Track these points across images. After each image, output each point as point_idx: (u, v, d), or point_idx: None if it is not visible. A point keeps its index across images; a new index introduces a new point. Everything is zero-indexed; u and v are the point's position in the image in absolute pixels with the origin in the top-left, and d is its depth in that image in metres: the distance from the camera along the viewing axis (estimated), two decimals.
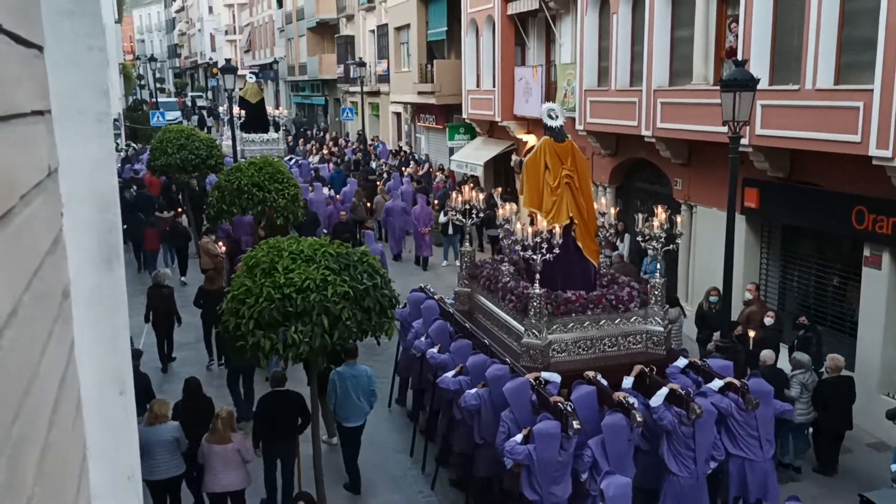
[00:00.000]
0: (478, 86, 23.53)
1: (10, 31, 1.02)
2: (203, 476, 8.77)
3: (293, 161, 28.99)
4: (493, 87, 22.23)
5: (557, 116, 10.17)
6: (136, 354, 10.73)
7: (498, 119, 22.04)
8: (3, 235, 0.91)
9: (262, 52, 59.54)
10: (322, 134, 43.06)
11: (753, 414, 8.37)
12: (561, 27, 19.89)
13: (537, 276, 8.99)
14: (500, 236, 10.75)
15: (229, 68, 24.07)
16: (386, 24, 32.74)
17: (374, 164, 29.29)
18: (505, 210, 10.59)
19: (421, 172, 27.05)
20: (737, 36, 13.05)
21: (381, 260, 13.86)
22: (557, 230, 9.02)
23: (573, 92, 18.53)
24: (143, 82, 64.77)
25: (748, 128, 11.36)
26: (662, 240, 9.70)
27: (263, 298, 7.69)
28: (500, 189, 15.90)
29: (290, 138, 38.06)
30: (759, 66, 11.89)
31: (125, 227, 18.75)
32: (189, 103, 64.81)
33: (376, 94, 35.84)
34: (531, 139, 21.75)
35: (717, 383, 8.51)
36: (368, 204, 22.14)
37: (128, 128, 37.63)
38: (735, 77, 10.16)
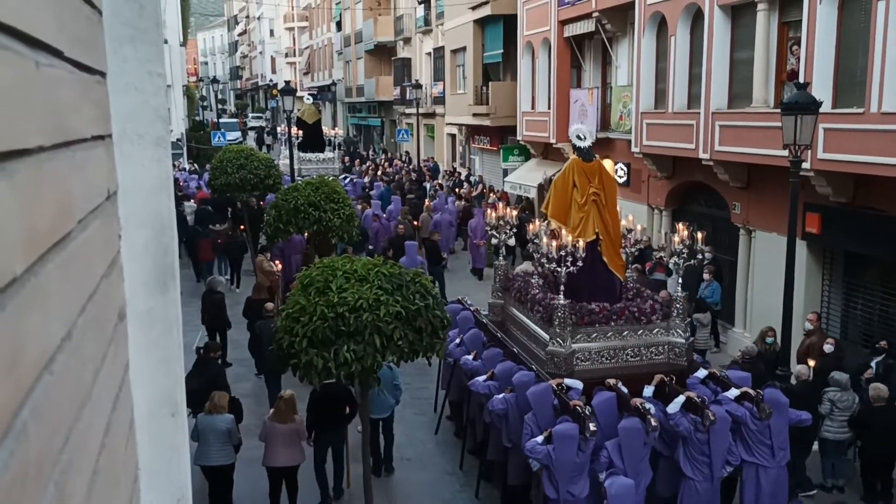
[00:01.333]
0: (533, 108, 23.52)
1: (71, 59, 1.04)
2: (265, 453, 9.52)
3: (348, 180, 29.44)
4: (549, 108, 22.19)
5: (586, 137, 10.59)
6: (214, 347, 11.56)
7: (553, 141, 21.97)
8: (59, 259, 0.92)
9: (321, 74, 60.58)
10: (377, 155, 43.52)
11: (767, 423, 8.61)
12: (617, 49, 19.79)
13: (562, 287, 9.46)
14: (531, 251, 11.13)
15: (289, 90, 24.54)
16: (442, 47, 33.03)
17: (427, 185, 29.43)
18: (535, 225, 10.91)
19: (475, 193, 27.07)
20: (798, 58, 12.80)
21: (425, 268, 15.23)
22: (581, 244, 9.46)
23: (629, 114, 18.38)
24: (205, 103, 66.38)
25: (810, 151, 11.11)
26: (684, 255, 10.05)
27: (317, 317, 7.75)
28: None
29: (346, 158, 38.58)
30: (822, 89, 11.63)
31: (183, 240, 19.93)
32: (248, 124, 66.16)
33: (431, 115, 36.11)
34: None
35: (733, 392, 8.82)
36: (415, 222, 22.30)
37: (190, 147, 38.59)
38: (797, 100, 9.97)
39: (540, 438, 8.10)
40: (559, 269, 9.36)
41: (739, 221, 15.33)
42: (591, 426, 7.86)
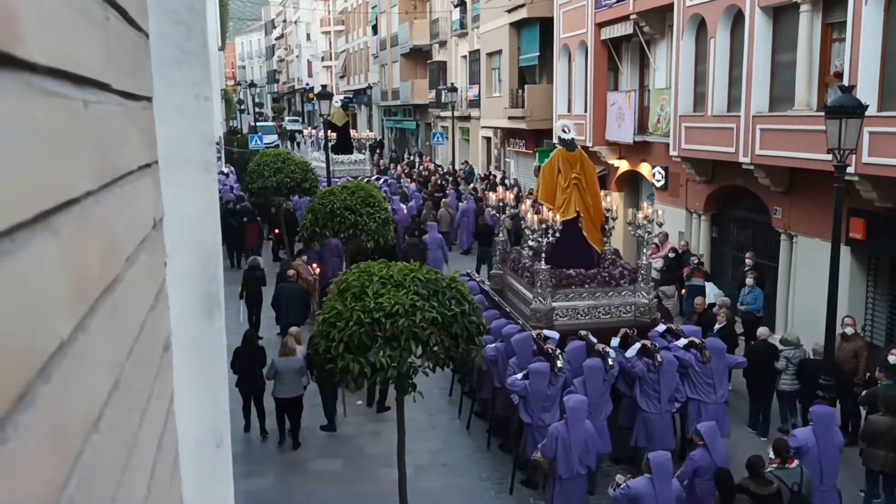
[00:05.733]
0: (569, 111, 23.34)
1: (119, 90, 0.99)
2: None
3: (382, 181, 29.77)
4: (585, 111, 22.01)
5: (570, 131, 12.64)
6: (248, 336, 12.50)
7: (589, 144, 21.77)
8: (108, 306, 0.87)
9: (357, 77, 60.86)
10: (412, 157, 43.57)
11: (709, 366, 10.50)
12: (655, 52, 19.56)
13: (542, 255, 11.27)
14: (522, 226, 12.71)
15: (325, 94, 24.65)
16: (478, 50, 32.95)
17: (461, 188, 29.49)
18: (526, 206, 12.71)
19: (511, 196, 27.06)
20: (843, 60, 12.52)
21: (441, 245, 19.38)
22: (558, 218, 11.40)
23: (667, 117, 18.15)
24: (243, 107, 67.10)
25: (854, 156, 10.84)
26: (649, 230, 11.88)
27: (353, 322, 7.73)
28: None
29: (382, 161, 38.75)
30: (867, 92, 11.34)
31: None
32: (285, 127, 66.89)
33: (467, 118, 36.05)
34: (623, 164, 21.42)
35: (682, 341, 10.78)
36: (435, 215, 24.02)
37: (228, 152, 38.96)
38: (841, 103, 9.73)
39: (519, 376, 9.95)
40: (540, 240, 11.17)
41: (781, 226, 15.04)
42: (559, 363, 9.86)
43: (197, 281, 1.54)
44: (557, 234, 11.16)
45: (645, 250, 11.98)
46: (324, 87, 27.51)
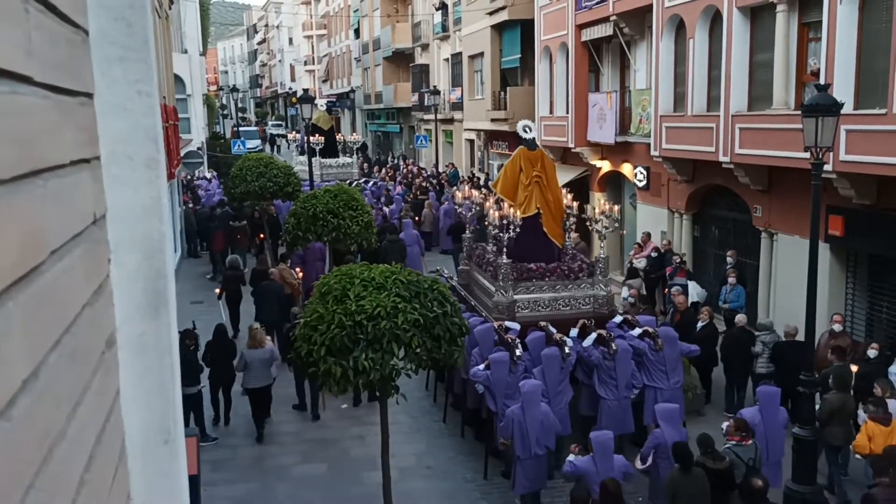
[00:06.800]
0: (551, 112, 23.42)
1: (45, 83, 1.00)
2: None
3: (370, 183, 29.93)
4: (567, 113, 22.08)
5: (531, 130, 13.30)
6: (220, 330, 12.75)
7: (571, 145, 21.86)
8: (26, 296, 0.88)
9: (340, 81, 60.83)
10: (396, 161, 43.56)
11: (662, 354, 11.00)
12: (636, 53, 19.66)
13: (504, 249, 11.80)
14: (486, 224, 13.15)
15: (307, 98, 24.57)
16: (460, 53, 33.00)
17: (447, 190, 29.62)
18: (489, 203, 13.00)
19: (476, 193, 27.34)
20: (819, 59, 12.63)
21: (417, 241, 19.97)
22: (518, 214, 11.88)
23: (648, 118, 18.24)
24: (225, 112, 66.91)
25: (832, 154, 10.92)
26: (605, 224, 12.29)
27: (335, 325, 7.72)
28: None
29: (364, 164, 38.78)
30: (843, 90, 11.45)
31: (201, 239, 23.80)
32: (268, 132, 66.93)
33: (450, 121, 36.09)
34: (605, 165, 21.50)
35: (637, 331, 11.25)
36: (416, 217, 24.30)
37: (210, 156, 38.80)
38: (818, 101, 9.79)
39: (482, 367, 10.46)
40: (501, 235, 11.68)
41: (761, 225, 15.14)
42: (518, 352, 10.37)
43: (143, 278, 1.54)
44: (518, 230, 11.63)
45: (601, 244, 12.47)
46: (305, 90, 27.46)
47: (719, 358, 12.71)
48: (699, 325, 12.94)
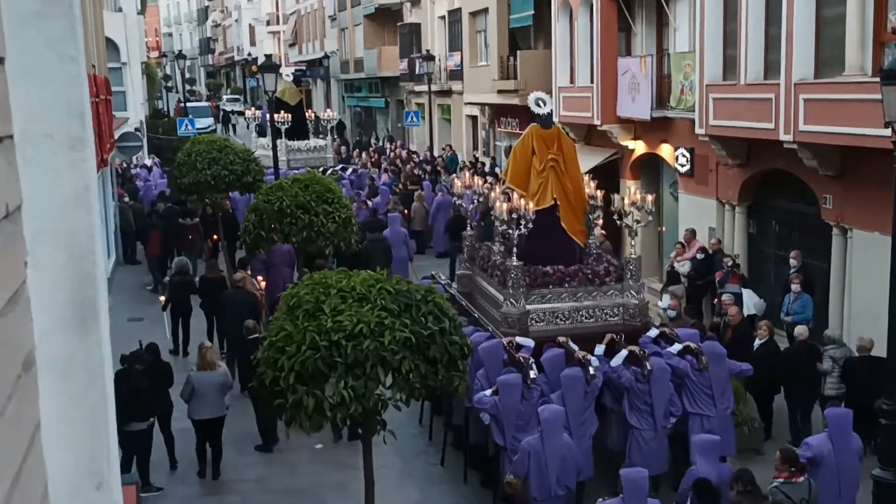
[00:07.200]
0: (572, 82, 23.46)
1: None
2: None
3: (349, 171, 29.92)
4: (592, 83, 22.12)
5: (545, 104, 13.10)
6: (152, 349, 12.64)
7: (597, 122, 21.89)
8: None
9: (310, 45, 60.89)
10: (381, 143, 43.61)
11: (708, 374, 10.91)
12: (676, 8, 19.71)
13: (514, 249, 11.71)
14: (492, 218, 13.13)
15: (271, 66, 24.64)
16: (459, 9, 33.06)
17: (443, 178, 29.65)
18: (496, 193, 13.02)
19: (480, 182, 27.34)
20: None
21: (406, 241, 19.85)
22: (531, 207, 11.75)
23: (691, 87, 18.28)
24: (169, 83, 66.95)
25: None
26: (636, 218, 12.32)
27: (307, 346, 7.75)
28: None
29: (342, 147, 38.82)
30: None
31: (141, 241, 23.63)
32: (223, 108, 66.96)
33: (447, 93, 36.14)
34: (639, 146, 21.55)
35: (675, 347, 11.18)
36: (406, 212, 24.45)
37: (150, 139, 38.82)
38: None
39: (488, 392, 10.35)
40: (510, 231, 11.66)
41: (832, 218, 15.17)
42: (532, 373, 10.19)
43: (67, 283, 1.53)
44: (530, 226, 11.57)
45: (632, 242, 12.49)
46: (268, 57, 27.52)
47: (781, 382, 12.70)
48: (756, 342, 12.96)
